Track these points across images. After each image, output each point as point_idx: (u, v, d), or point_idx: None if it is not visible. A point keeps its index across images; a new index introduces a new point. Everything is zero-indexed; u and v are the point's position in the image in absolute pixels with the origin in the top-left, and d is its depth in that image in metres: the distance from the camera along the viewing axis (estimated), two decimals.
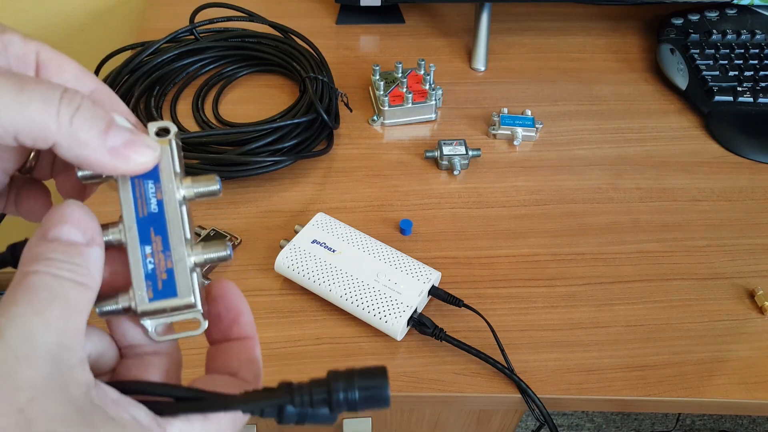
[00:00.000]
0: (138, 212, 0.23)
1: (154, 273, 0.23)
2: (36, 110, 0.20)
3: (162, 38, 0.65)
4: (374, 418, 0.52)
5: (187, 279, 0.23)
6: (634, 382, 0.45)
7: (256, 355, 0.24)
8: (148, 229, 0.23)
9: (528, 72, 0.72)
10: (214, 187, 0.24)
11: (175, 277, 0.23)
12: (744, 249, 0.55)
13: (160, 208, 0.23)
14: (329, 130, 0.61)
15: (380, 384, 0.21)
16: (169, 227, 0.23)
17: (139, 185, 0.23)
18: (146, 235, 0.23)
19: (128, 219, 0.23)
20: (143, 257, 0.23)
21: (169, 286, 0.23)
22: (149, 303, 0.23)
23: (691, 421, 1.26)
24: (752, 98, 0.67)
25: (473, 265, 0.53)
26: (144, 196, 0.23)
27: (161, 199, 0.23)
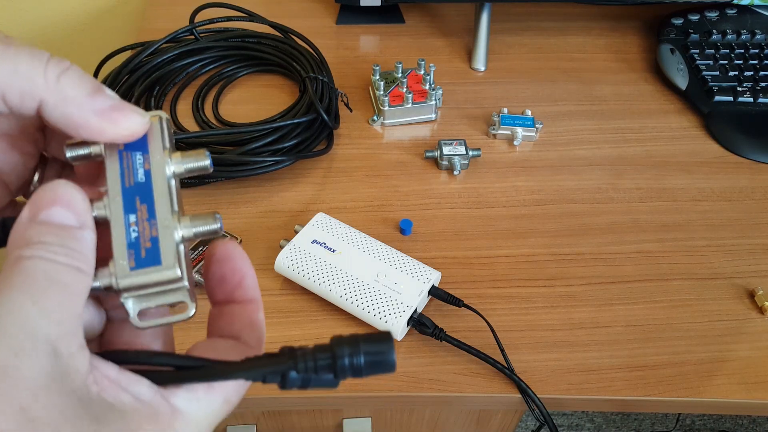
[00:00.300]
0: (124, 182, 0.22)
1: (138, 241, 0.21)
2: (24, 65, 0.19)
3: (162, 38, 0.65)
4: (374, 418, 0.52)
5: (172, 248, 0.21)
6: (634, 382, 0.45)
7: (259, 319, 0.24)
8: (134, 197, 0.22)
9: (528, 72, 0.72)
10: (204, 162, 0.23)
11: (160, 244, 0.21)
12: (744, 249, 0.55)
13: (147, 177, 0.22)
14: (329, 130, 0.61)
15: (385, 349, 0.20)
16: (156, 196, 0.22)
17: (127, 157, 0.22)
18: (131, 203, 0.22)
19: (113, 189, 0.22)
20: (127, 225, 0.21)
21: (153, 255, 0.21)
22: (130, 273, 0.21)
23: (691, 421, 1.26)
24: (752, 98, 0.67)
25: (473, 265, 0.53)
26: (131, 167, 0.22)
27: (149, 169, 0.22)
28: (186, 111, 0.65)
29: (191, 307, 0.22)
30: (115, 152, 0.22)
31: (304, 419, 0.52)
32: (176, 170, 0.23)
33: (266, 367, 0.20)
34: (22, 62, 0.20)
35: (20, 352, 0.16)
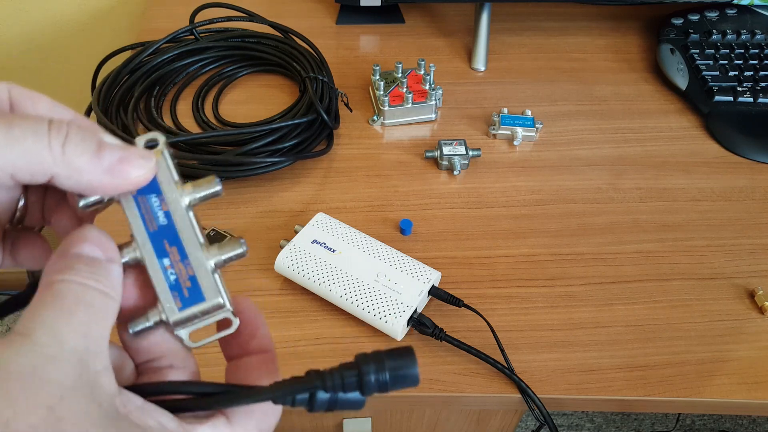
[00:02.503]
0: (148, 228, 0.23)
1: (178, 283, 0.23)
2: (29, 144, 0.20)
3: (162, 38, 0.65)
4: (374, 418, 0.52)
5: (210, 281, 0.23)
6: (634, 382, 0.45)
7: (275, 369, 0.25)
8: (162, 241, 0.23)
9: (528, 72, 0.72)
10: (216, 189, 0.24)
11: (199, 282, 0.23)
12: (744, 249, 0.55)
13: (168, 219, 0.24)
14: (329, 130, 0.61)
15: (409, 363, 0.22)
16: (182, 236, 0.23)
17: (143, 201, 0.24)
18: (161, 247, 0.23)
19: (140, 236, 0.23)
20: (163, 270, 0.23)
21: (195, 293, 0.23)
22: (180, 312, 0.23)
23: (691, 421, 1.26)
24: (752, 98, 0.67)
25: (473, 265, 0.53)
26: (150, 211, 0.24)
27: (167, 210, 0.24)
28: (186, 111, 0.65)
29: (235, 322, 0.24)
30: (129, 198, 0.24)
31: (305, 419, 0.52)
32: (191, 201, 0.24)
33: (294, 387, 0.21)
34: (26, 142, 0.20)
35: (50, 357, 0.18)
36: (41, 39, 0.92)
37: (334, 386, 0.21)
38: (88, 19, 0.91)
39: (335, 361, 0.47)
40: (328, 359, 0.46)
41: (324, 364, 0.47)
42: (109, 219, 0.35)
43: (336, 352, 0.46)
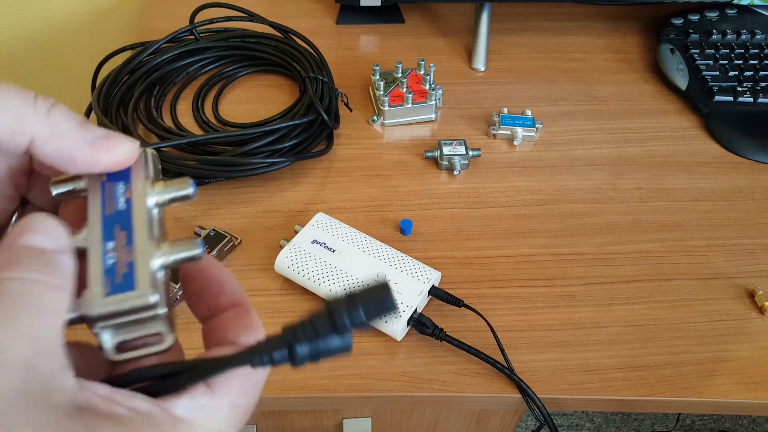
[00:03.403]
0: (104, 211, 0.21)
1: (114, 267, 0.20)
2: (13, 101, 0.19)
3: (162, 38, 0.65)
4: (374, 418, 0.52)
5: (147, 272, 0.20)
6: (634, 382, 0.45)
7: (252, 320, 0.23)
8: (113, 225, 0.21)
9: (528, 72, 0.72)
10: (188, 191, 0.22)
11: (136, 270, 0.20)
12: (744, 249, 0.55)
13: (127, 205, 0.22)
14: (329, 130, 0.61)
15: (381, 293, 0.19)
16: (135, 222, 0.21)
17: (109, 188, 0.22)
18: (110, 231, 0.21)
19: (93, 219, 0.21)
20: (104, 252, 0.21)
21: (128, 280, 0.20)
22: (104, 300, 0.20)
23: (691, 421, 1.26)
24: (752, 98, 0.67)
25: (473, 265, 0.53)
26: (113, 196, 0.22)
27: (130, 197, 0.22)
28: (186, 111, 0.65)
29: (169, 338, 0.21)
30: (97, 184, 0.22)
31: (304, 419, 0.52)
32: (158, 200, 0.22)
33: (267, 347, 0.19)
34: (10, 98, 0.19)
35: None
36: (41, 39, 0.92)
37: (307, 335, 0.19)
38: (88, 19, 0.91)
39: (335, 360, 0.47)
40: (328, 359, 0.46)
41: (324, 364, 0.47)
42: None
43: None
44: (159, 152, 0.56)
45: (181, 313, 0.48)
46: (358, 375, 0.45)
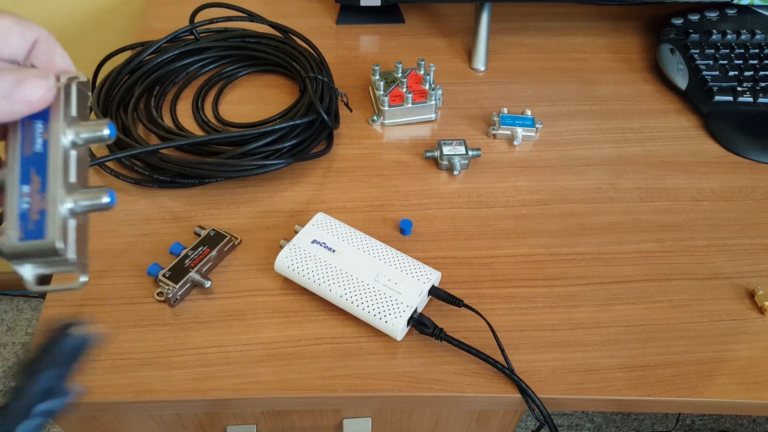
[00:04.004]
0: (23, 151, 0.23)
1: (27, 213, 0.22)
2: None
3: (162, 38, 0.65)
4: (374, 418, 0.52)
5: (56, 221, 0.22)
6: (634, 382, 0.45)
7: None
8: (30, 168, 0.22)
9: (528, 72, 0.72)
10: (103, 133, 0.23)
11: (46, 218, 0.22)
12: (744, 249, 0.55)
13: (44, 148, 0.23)
14: (329, 130, 0.61)
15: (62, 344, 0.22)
16: (50, 168, 0.22)
17: (28, 126, 0.23)
18: (27, 174, 0.22)
19: (12, 158, 0.23)
20: (20, 196, 0.22)
21: (38, 228, 0.22)
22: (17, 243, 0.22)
23: (691, 421, 1.26)
24: (752, 98, 0.67)
25: (473, 265, 0.53)
26: (31, 136, 0.23)
27: (47, 139, 0.23)
28: (186, 111, 0.65)
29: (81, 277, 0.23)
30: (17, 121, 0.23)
31: (304, 419, 0.52)
32: (75, 140, 0.23)
33: None
34: None
35: None
36: None
37: None
38: (88, 19, 0.91)
39: (335, 360, 0.47)
40: (328, 359, 0.46)
41: (324, 364, 0.47)
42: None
43: (336, 352, 0.46)
44: (158, 152, 0.56)
45: (181, 313, 0.48)
46: (358, 375, 0.45)
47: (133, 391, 0.44)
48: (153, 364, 0.45)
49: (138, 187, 0.57)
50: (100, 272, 0.51)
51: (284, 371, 0.45)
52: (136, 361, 0.45)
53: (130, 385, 0.44)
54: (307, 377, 0.45)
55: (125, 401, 0.43)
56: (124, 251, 0.52)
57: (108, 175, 0.58)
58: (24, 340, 1.31)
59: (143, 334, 0.47)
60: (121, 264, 0.51)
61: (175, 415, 0.49)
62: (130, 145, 0.56)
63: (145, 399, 0.43)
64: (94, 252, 0.52)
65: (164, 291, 0.48)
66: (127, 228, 0.54)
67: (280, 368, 0.45)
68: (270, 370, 0.45)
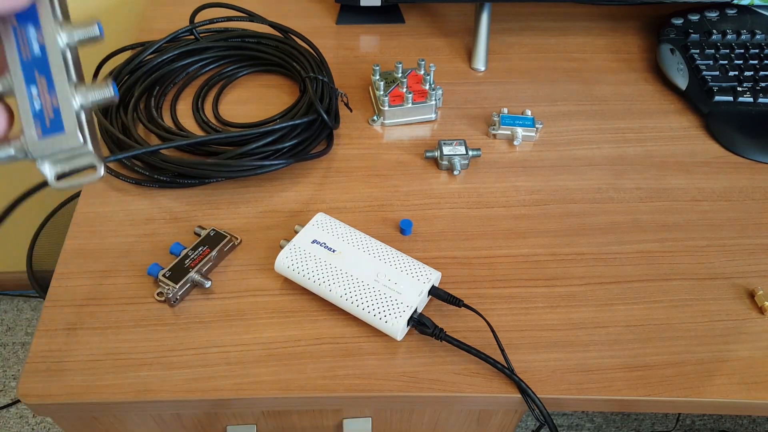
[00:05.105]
0: (21, 56, 0.24)
1: (42, 113, 0.23)
2: None
3: (162, 38, 0.65)
4: (374, 418, 0.52)
5: (72, 117, 0.24)
6: (634, 382, 0.45)
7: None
8: (33, 70, 0.24)
9: (528, 72, 0.72)
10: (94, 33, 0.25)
11: (62, 114, 0.24)
12: (744, 249, 0.55)
13: (42, 51, 0.24)
14: (329, 130, 0.61)
15: None
16: (53, 68, 0.24)
17: (21, 32, 0.24)
18: (31, 76, 0.24)
19: (12, 64, 0.24)
20: (30, 97, 0.24)
21: (56, 124, 0.23)
22: (39, 141, 0.23)
23: (691, 421, 1.26)
24: (752, 98, 0.67)
25: (473, 265, 0.53)
26: (26, 41, 0.24)
27: (43, 43, 0.24)
28: (186, 111, 0.65)
29: (99, 169, 0.25)
30: (9, 28, 0.24)
31: (304, 419, 0.52)
32: (69, 41, 0.24)
33: None
34: None
35: None
36: None
37: None
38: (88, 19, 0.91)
39: (335, 361, 0.47)
40: (328, 359, 0.46)
41: (324, 364, 0.47)
42: None
43: (336, 352, 0.46)
44: (158, 153, 0.56)
45: (181, 313, 0.48)
46: (358, 375, 0.45)
47: (133, 391, 0.44)
48: (153, 364, 0.45)
49: (138, 187, 0.57)
50: (101, 272, 0.51)
51: (284, 371, 0.45)
52: (136, 361, 0.45)
53: (130, 385, 0.44)
54: (307, 377, 0.45)
55: (125, 401, 0.43)
56: (124, 251, 0.52)
57: (108, 175, 0.58)
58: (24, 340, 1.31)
59: (143, 334, 0.47)
60: (122, 264, 0.51)
61: (175, 415, 0.49)
62: (131, 145, 0.56)
63: (145, 399, 0.43)
64: (95, 252, 0.52)
65: (164, 291, 0.48)
66: (127, 228, 0.54)
67: (280, 368, 0.45)
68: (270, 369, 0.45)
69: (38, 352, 0.46)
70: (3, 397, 1.24)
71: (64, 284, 0.50)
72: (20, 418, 1.22)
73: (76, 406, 0.44)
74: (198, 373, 0.45)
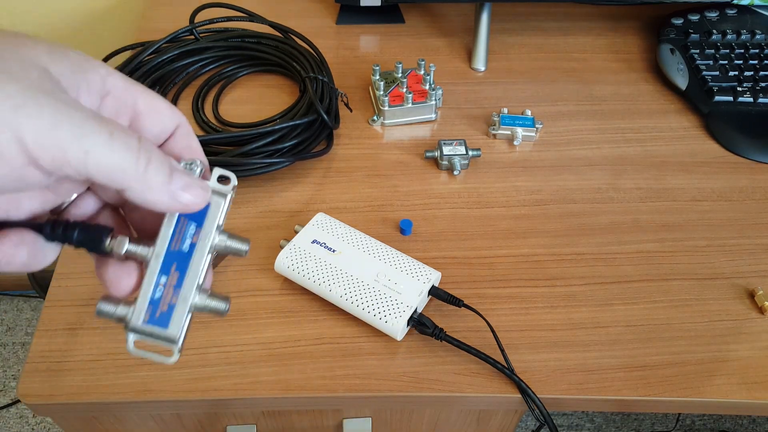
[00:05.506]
0: (171, 245, 0.26)
1: (159, 301, 0.25)
2: (120, 157, 0.22)
3: (162, 38, 0.65)
4: (374, 418, 0.52)
5: (182, 319, 0.25)
6: (634, 382, 0.45)
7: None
8: (172, 262, 0.25)
9: (528, 72, 0.72)
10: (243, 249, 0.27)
11: (174, 313, 0.25)
12: (744, 249, 0.55)
13: (191, 250, 0.26)
14: (329, 130, 0.61)
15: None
16: (190, 269, 0.25)
17: (183, 223, 0.26)
18: (168, 267, 0.25)
19: (160, 246, 0.25)
20: (156, 284, 0.25)
21: (164, 318, 0.25)
22: (141, 324, 0.25)
23: (691, 421, 1.26)
24: (752, 98, 0.67)
25: (473, 265, 0.53)
26: (182, 234, 0.26)
27: (195, 242, 0.26)
28: (186, 111, 0.65)
29: (175, 356, 0.26)
30: (174, 215, 0.26)
31: (304, 419, 0.52)
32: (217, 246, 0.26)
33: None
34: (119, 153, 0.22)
35: None
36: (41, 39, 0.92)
37: None
38: (88, 19, 0.91)
39: (335, 361, 0.47)
40: (328, 359, 0.46)
41: (324, 364, 0.47)
42: None
43: (336, 352, 0.46)
44: None
45: None
46: (358, 375, 0.45)
47: (133, 391, 0.44)
48: (153, 364, 0.45)
49: None
50: None
51: (284, 371, 0.45)
52: (136, 361, 0.45)
53: (130, 385, 0.44)
54: (307, 377, 0.45)
55: (125, 401, 0.43)
56: None
57: None
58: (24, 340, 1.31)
59: None
60: None
61: (175, 415, 0.49)
62: None
63: (145, 399, 0.43)
64: None
65: None
66: None
67: (280, 368, 0.45)
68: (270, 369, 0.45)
69: (38, 352, 0.46)
70: (3, 397, 1.24)
71: (64, 284, 0.50)
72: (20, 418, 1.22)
73: (76, 406, 0.44)
74: (198, 373, 0.45)
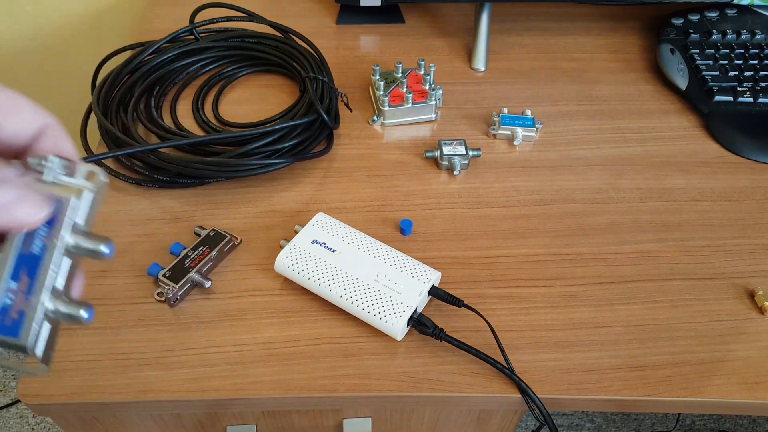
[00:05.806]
0: (23, 248, 0.24)
1: (8, 309, 0.24)
2: None
3: (162, 38, 0.65)
4: (374, 418, 0.52)
5: (32, 325, 0.24)
6: (634, 382, 0.45)
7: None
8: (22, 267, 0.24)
9: (528, 72, 0.72)
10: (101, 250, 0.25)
11: (24, 320, 0.24)
12: (744, 249, 0.55)
13: (42, 252, 0.24)
14: (329, 130, 0.61)
15: None
16: (39, 275, 0.24)
17: None
18: (18, 272, 0.24)
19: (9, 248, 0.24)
20: (5, 290, 0.24)
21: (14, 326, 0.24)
22: None
23: (691, 421, 1.26)
24: (752, 98, 0.67)
25: (473, 265, 0.53)
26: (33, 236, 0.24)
27: (46, 244, 0.24)
28: (186, 111, 0.65)
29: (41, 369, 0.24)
30: None
31: (304, 419, 0.52)
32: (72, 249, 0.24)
33: None
34: None
35: None
36: (41, 39, 0.92)
37: None
38: (88, 19, 0.91)
39: (335, 361, 0.47)
40: (328, 359, 0.46)
41: (324, 364, 0.47)
42: None
43: (336, 352, 0.46)
44: (158, 152, 0.56)
45: (181, 313, 0.48)
46: (358, 375, 0.45)
47: (133, 391, 0.44)
48: (153, 364, 0.45)
49: (138, 187, 0.57)
50: (101, 272, 0.51)
51: (284, 371, 0.45)
52: (136, 361, 0.45)
53: (130, 385, 0.44)
54: (307, 377, 0.45)
55: (125, 401, 0.43)
56: (124, 251, 0.52)
57: (108, 175, 0.58)
58: None
59: (143, 334, 0.47)
60: (121, 264, 0.51)
61: (175, 415, 0.49)
62: (130, 144, 0.56)
63: (145, 399, 0.43)
64: None
65: (164, 291, 0.48)
66: (127, 228, 0.54)
67: (280, 368, 0.45)
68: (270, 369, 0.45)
69: None
70: (3, 397, 1.24)
71: None
72: (20, 418, 1.22)
73: (76, 406, 0.44)
74: (198, 373, 0.45)
